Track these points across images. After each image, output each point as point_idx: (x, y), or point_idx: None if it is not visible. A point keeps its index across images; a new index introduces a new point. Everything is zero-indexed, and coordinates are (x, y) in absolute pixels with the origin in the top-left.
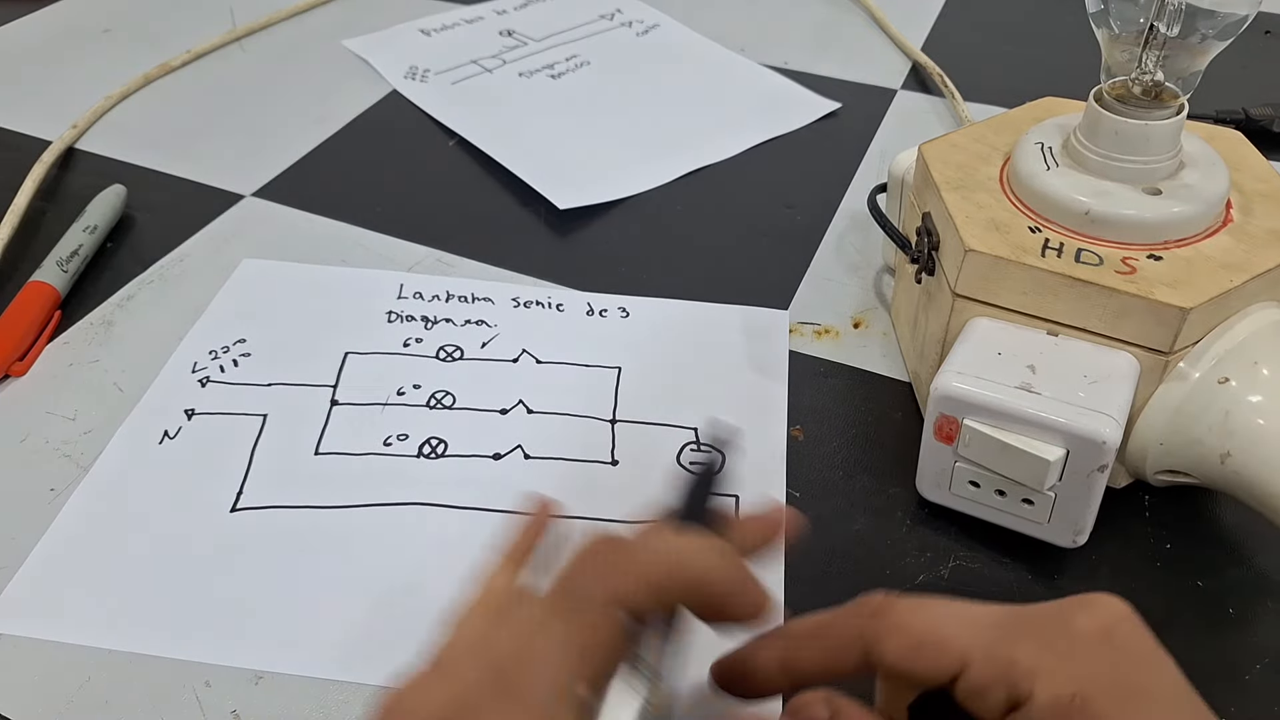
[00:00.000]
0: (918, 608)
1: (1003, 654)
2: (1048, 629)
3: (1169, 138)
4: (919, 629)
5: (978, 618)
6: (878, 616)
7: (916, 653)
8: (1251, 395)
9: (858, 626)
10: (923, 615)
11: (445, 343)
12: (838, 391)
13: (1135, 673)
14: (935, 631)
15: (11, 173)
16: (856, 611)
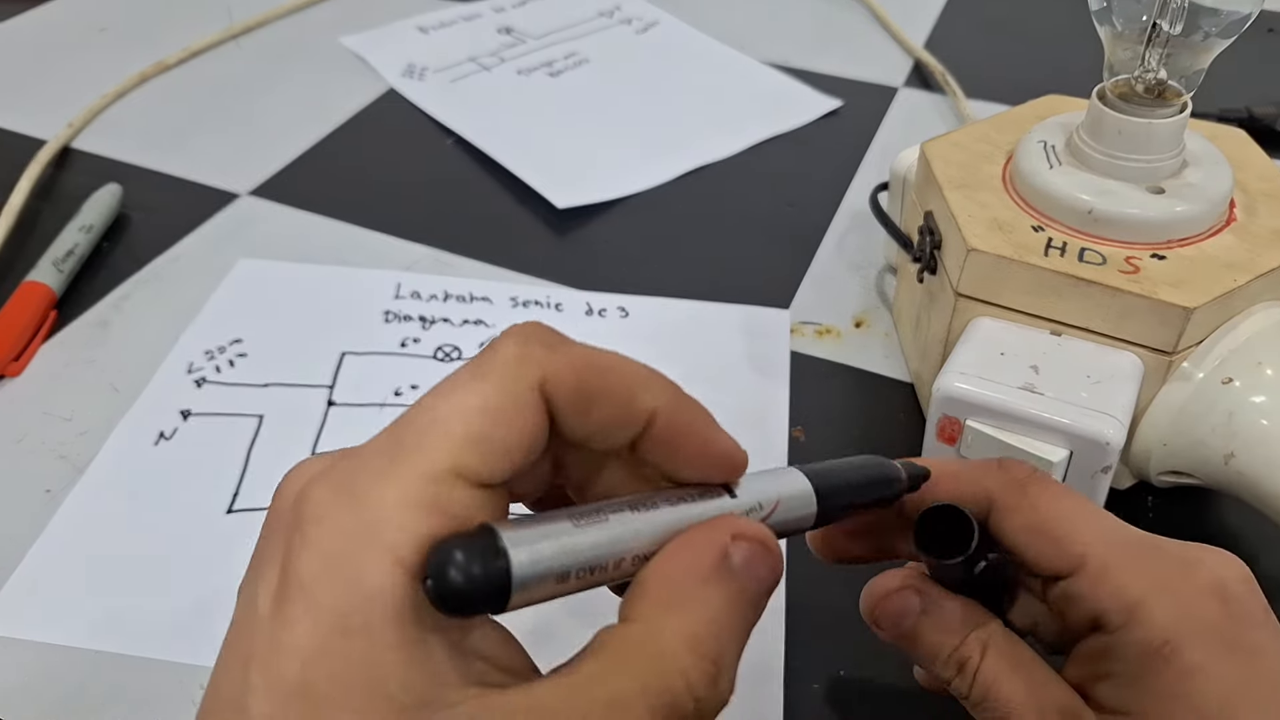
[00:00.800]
0: (1058, 496)
1: (1114, 579)
2: (1168, 569)
3: (1172, 136)
4: (1048, 516)
5: (1109, 530)
6: (1017, 487)
7: (1035, 538)
8: (1255, 396)
9: (994, 484)
10: (1058, 506)
11: (443, 342)
12: (839, 392)
13: (1237, 630)
14: (1062, 525)
15: (7, 172)
16: (999, 471)
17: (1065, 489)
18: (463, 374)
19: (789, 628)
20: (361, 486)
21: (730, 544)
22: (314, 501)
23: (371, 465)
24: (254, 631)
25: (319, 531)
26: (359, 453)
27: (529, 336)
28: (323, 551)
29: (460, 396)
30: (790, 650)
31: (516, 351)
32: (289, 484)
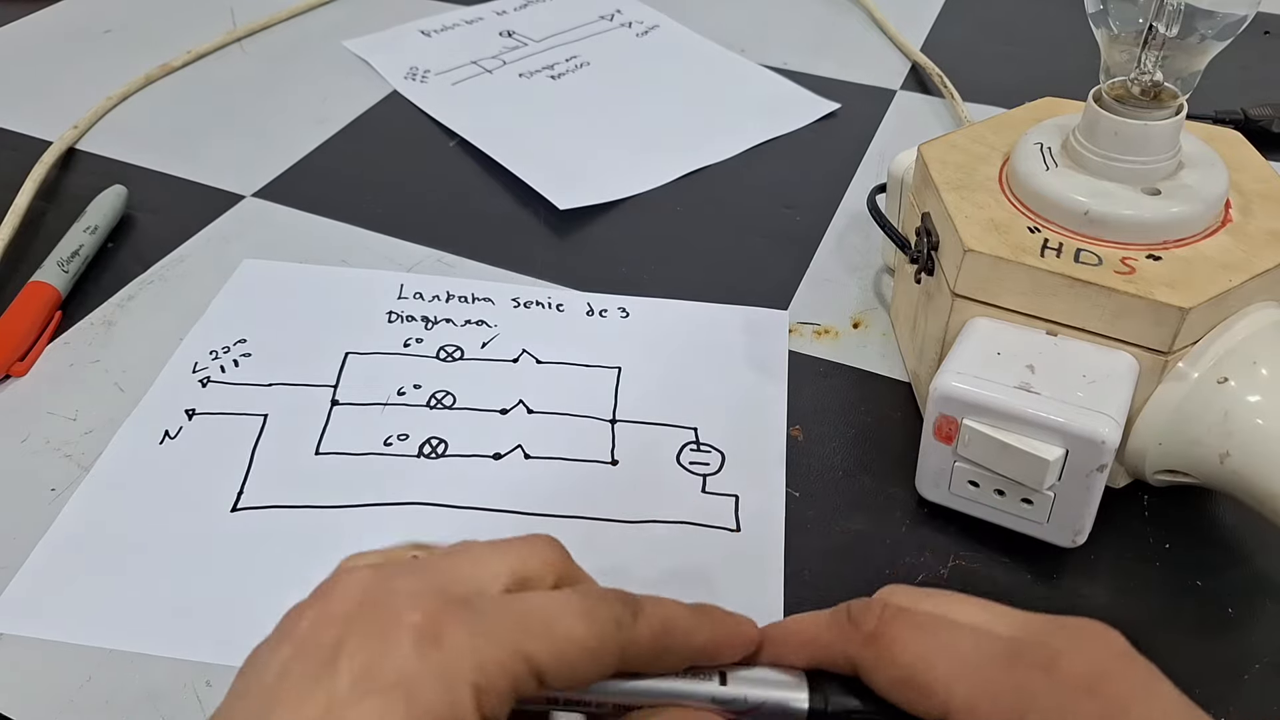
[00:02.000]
0: (911, 639)
1: (983, 706)
2: (1033, 682)
3: (1168, 138)
4: (907, 665)
5: (968, 655)
6: (870, 645)
7: (902, 689)
8: (1250, 395)
9: (850, 645)
10: (912, 651)
11: (445, 343)
12: (837, 391)
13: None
14: (924, 672)
15: (12, 173)
16: (850, 628)
17: (915, 621)
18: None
19: None
20: None
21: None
22: None
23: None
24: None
25: None
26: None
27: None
28: None
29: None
30: None
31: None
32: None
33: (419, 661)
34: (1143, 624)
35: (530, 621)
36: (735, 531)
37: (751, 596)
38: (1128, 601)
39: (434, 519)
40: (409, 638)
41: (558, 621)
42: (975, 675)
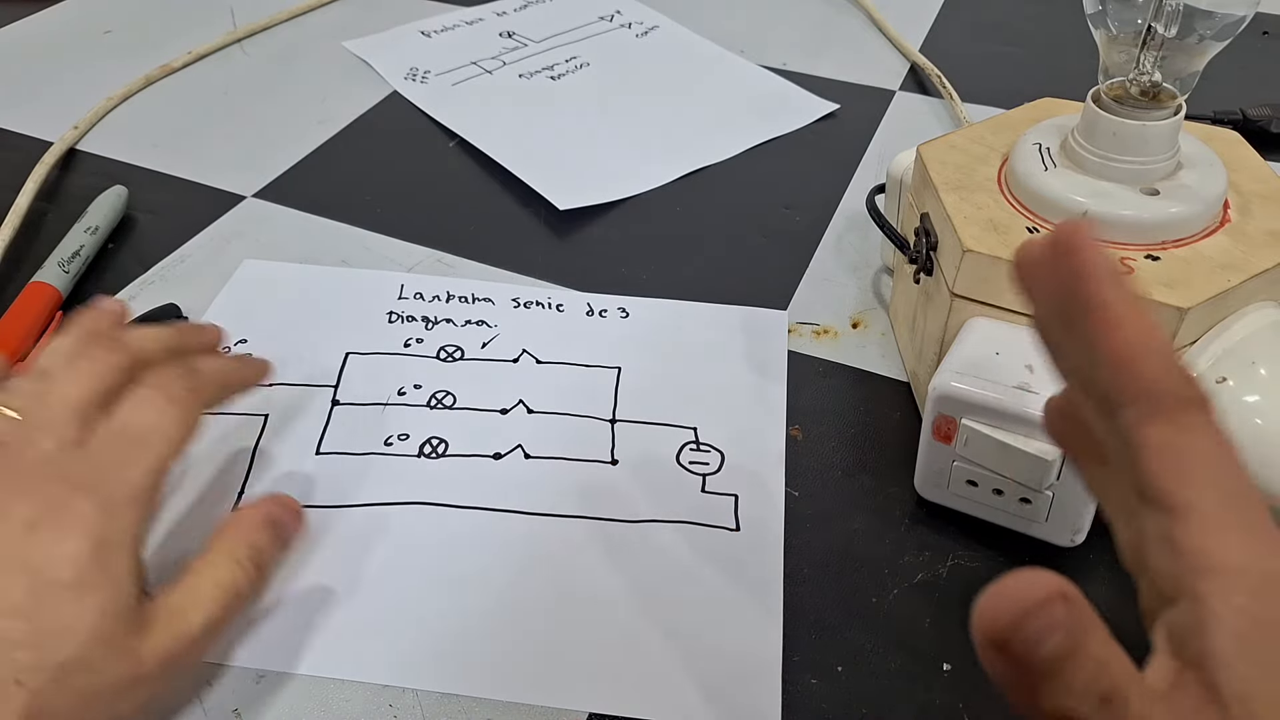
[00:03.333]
0: (1214, 433)
1: (1213, 542)
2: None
3: (1167, 138)
4: (1184, 453)
5: (1242, 490)
6: (1189, 389)
7: (1160, 454)
8: (1249, 395)
9: (1167, 377)
10: (1207, 438)
11: (446, 343)
12: (836, 391)
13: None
14: (1194, 466)
15: (12, 173)
16: (1181, 372)
17: (1229, 444)
18: None
19: (787, 624)
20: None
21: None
22: None
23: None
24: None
25: None
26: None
27: None
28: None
29: None
30: (788, 646)
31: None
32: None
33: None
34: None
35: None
36: (735, 531)
37: (751, 596)
38: (1126, 601)
39: (434, 519)
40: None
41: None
42: (1232, 502)
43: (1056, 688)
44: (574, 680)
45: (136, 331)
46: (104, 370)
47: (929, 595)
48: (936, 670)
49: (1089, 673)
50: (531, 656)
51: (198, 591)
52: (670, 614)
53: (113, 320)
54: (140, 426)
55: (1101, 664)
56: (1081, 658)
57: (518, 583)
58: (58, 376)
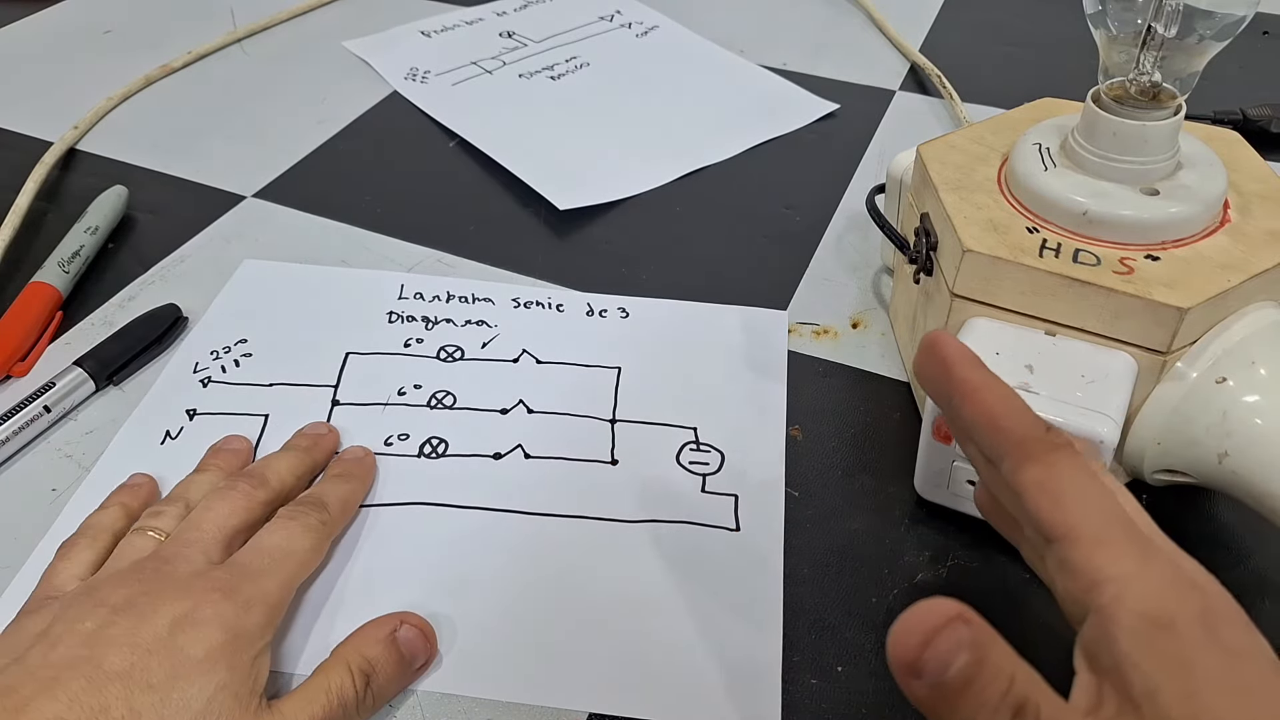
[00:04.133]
0: (1081, 471)
1: (1102, 553)
2: (1154, 555)
3: (1166, 138)
4: (1059, 482)
5: (1116, 518)
6: (1046, 446)
7: (1035, 492)
8: (1249, 395)
9: (1028, 434)
10: (1075, 478)
11: (446, 343)
12: (836, 391)
13: (1229, 623)
14: (1065, 498)
15: (13, 173)
16: (1040, 429)
17: (1086, 469)
18: None
19: (787, 624)
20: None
21: (399, 624)
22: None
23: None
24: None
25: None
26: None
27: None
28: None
29: None
30: (788, 646)
31: None
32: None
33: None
34: None
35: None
36: (735, 531)
37: (751, 596)
38: None
39: (434, 519)
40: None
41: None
42: (1112, 525)
43: (970, 703)
44: (574, 680)
45: (274, 465)
46: (251, 505)
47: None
48: None
49: (998, 686)
50: (531, 656)
51: (310, 696)
52: (670, 614)
53: (246, 461)
54: (278, 548)
55: (1008, 676)
56: (989, 672)
57: (518, 583)
58: (212, 505)
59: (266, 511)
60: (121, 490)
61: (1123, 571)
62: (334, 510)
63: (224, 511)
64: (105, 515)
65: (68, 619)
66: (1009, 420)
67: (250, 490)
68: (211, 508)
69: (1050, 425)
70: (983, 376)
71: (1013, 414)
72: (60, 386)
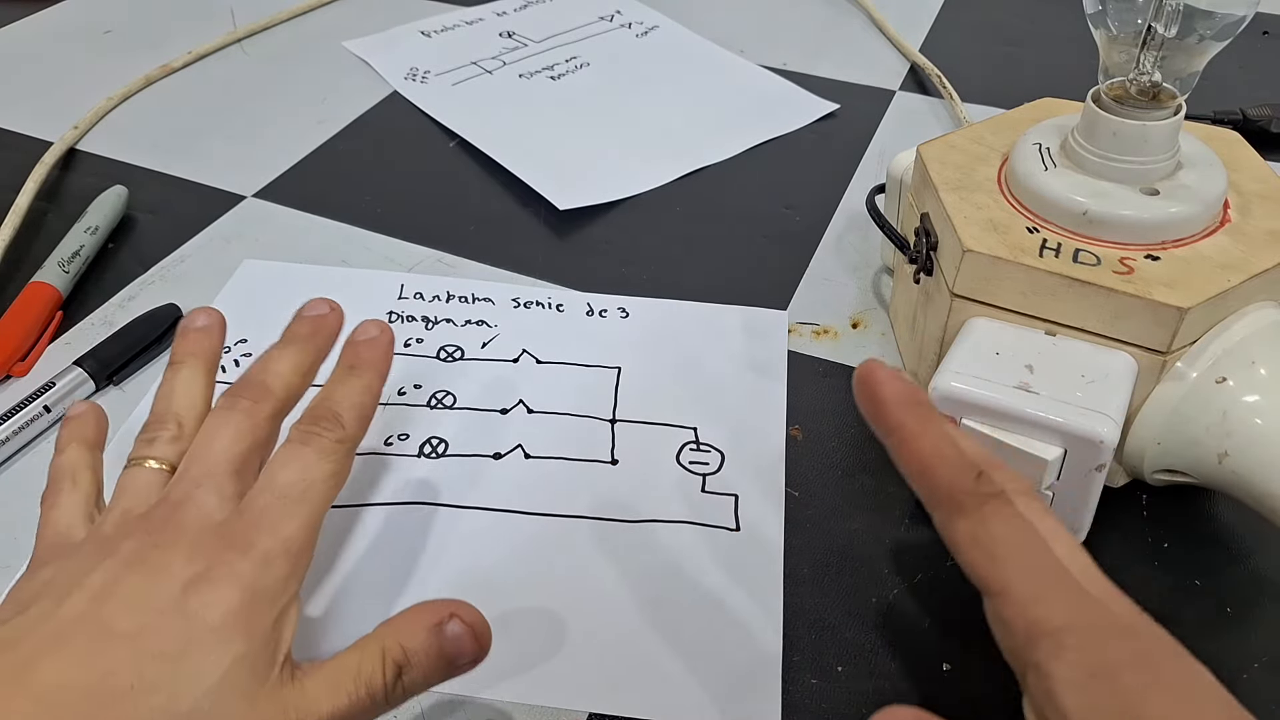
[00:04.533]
0: (1012, 521)
1: (1034, 613)
2: (1086, 604)
3: (1167, 138)
4: (991, 537)
5: (1046, 568)
6: (977, 499)
7: (968, 547)
8: (1249, 395)
9: (958, 485)
10: (1007, 530)
11: (446, 343)
12: (836, 391)
13: (1168, 662)
14: (1001, 552)
15: (12, 173)
16: (969, 479)
17: (1017, 519)
18: None
19: (787, 624)
20: None
21: (449, 617)
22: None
23: None
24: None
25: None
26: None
27: None
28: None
29: None
30: (788, 646)
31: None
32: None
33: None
34: None
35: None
36: (735, 531)
37: (751, 596)
38: None
39: (434, 519)
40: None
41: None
42: (1043, 578)
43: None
44: (574, 680)
45: (274, 366)
46: (257, 422)
47: (929, 595)
48: (936, 670)
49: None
50: (531, 656)
51: (337, 677)
52: (670, 614)
53: (220, 335)
54: (294, 484)
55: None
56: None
57: (517, 583)
58: (213, 432)
59: (275, 425)
60: (68, 425)
61: (1059, 623)
62: (349, 421)
63: (229, 437)
64: (68, 456)
65: (72, 571)
66: (939, 470)
67: (253, 406)
68: (215, 434)
69: (982, 472)
70: (916, 420)
71: (943, 463)
72: (60, 386)
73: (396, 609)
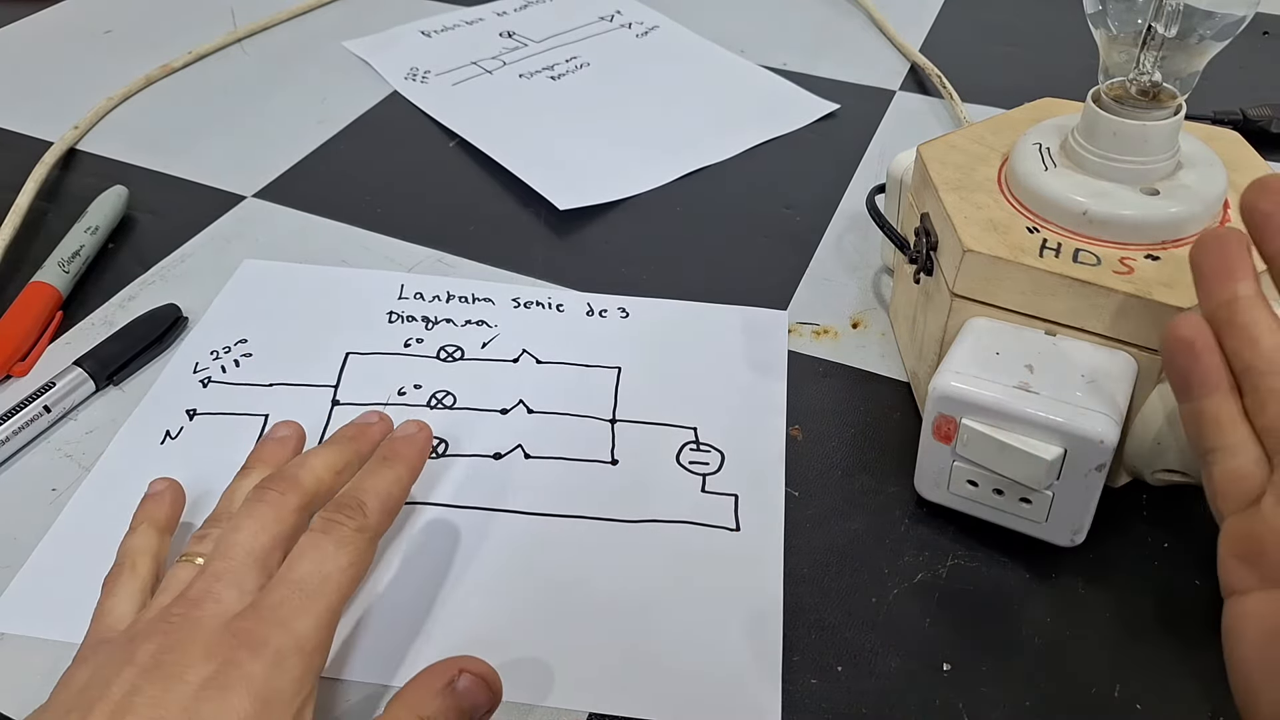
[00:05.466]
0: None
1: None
2: None
3: (1167, 138)
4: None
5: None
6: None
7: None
8: None
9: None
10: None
11: (446, 343)
12: (836, 391)
13: None
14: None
15: (13, 173)
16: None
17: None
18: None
19: (787, 624)
20: None
21: (458, 674)
22: None
23: None
24: None
25: None
26: None
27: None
28: None
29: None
30: (788, 646)
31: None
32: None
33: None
34: (1141, 623)
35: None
36: (735, 531)
37: (751, 596)
38: (1126, 600)
39: (434, 519)
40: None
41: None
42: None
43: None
44: (574, 680)
45: (310, 462)
46: (282, 514)
47: (929, 595)
48: (936, 670)
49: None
50: (531, 656)
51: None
52: (670, 614)
53: (297, 450)
54: (311, 576)
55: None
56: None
57: (517, 583)
58: (239, 524)
59: (302, 518)
60: (146, 504)
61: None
62: (373, 510)
63: (251, 530)
64: (137, 539)
65: (101, 681)
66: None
67: (279, 498)
68: (239, 527)
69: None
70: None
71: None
72: (60, 386)
73: (396, 608)
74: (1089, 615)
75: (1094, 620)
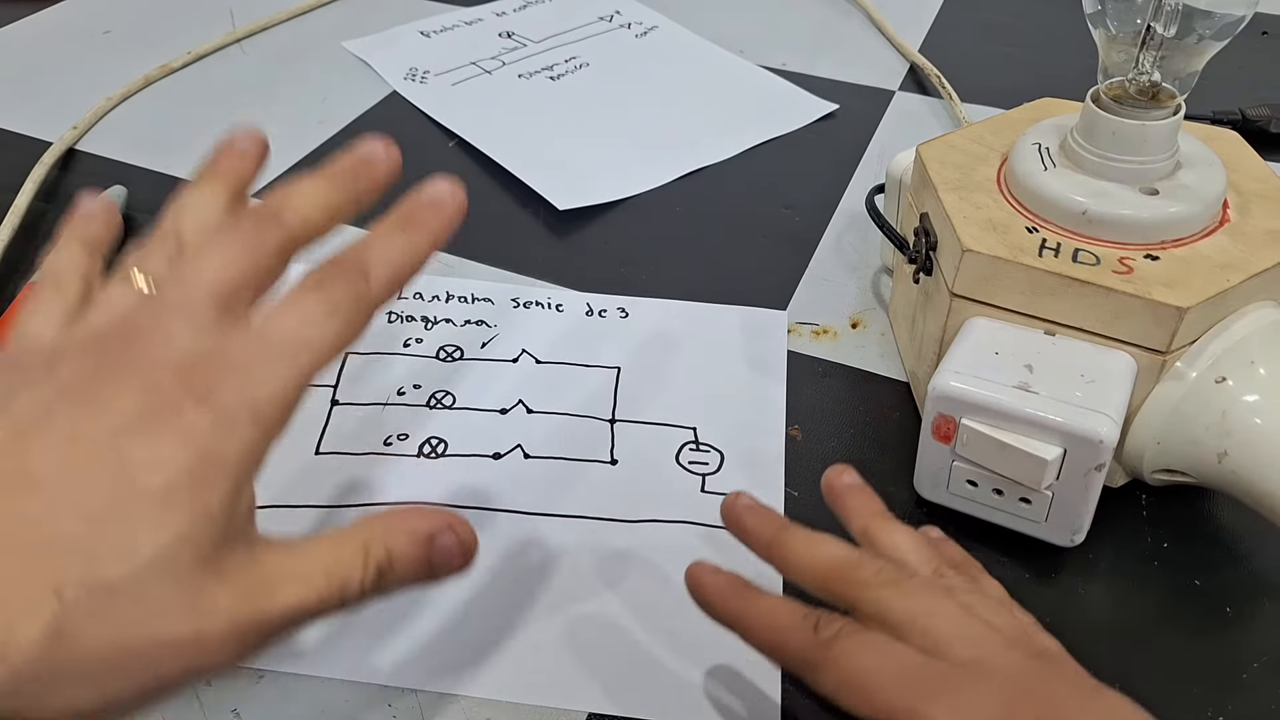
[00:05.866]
0: (860, 650)
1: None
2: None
3: (1166, 138)
4: (851, 673)
5: (909, 673)
6: (823, 648)
7: (841, 692)
8: (1248, 395)
9: (805, 645)
10: (860, 660)
11: (445, 343)
12: (836, 391)
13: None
14: (865, 682)
15: (12, 174)
16: (809, 632)
17: (865, 643)
18: None
19: None
20: None
21: (445, 529)
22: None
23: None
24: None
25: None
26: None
27: None
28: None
29: None
30: None
31: None
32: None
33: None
34: (1141, 623)
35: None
36: None
37: None
38: (1126, 600)
39: None
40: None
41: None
42: (911, 694)
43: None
44: (574, 680)
45: (296, 198)
46: (258, 253)
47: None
48: None
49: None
50: (531, 656)
51: (306, 568)
52: (670, 614)
53: (258, 160)
54: (288, 336)
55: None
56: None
57: (517, 583)
58: (203, 253)
59: (279, 263)
60: (75, 221)
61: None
62: (378, 279)
63: (218, 262)
64: (63, 255)
65: (9, 384)
66: (786, 639)
67: (255, 232)
68: (204, 255)
69: (818, 619)
70: (743, 605)
71: (782, 631)
72: None
73: (395, 607)
74: (1089, 615)
75: (1094, 620)
